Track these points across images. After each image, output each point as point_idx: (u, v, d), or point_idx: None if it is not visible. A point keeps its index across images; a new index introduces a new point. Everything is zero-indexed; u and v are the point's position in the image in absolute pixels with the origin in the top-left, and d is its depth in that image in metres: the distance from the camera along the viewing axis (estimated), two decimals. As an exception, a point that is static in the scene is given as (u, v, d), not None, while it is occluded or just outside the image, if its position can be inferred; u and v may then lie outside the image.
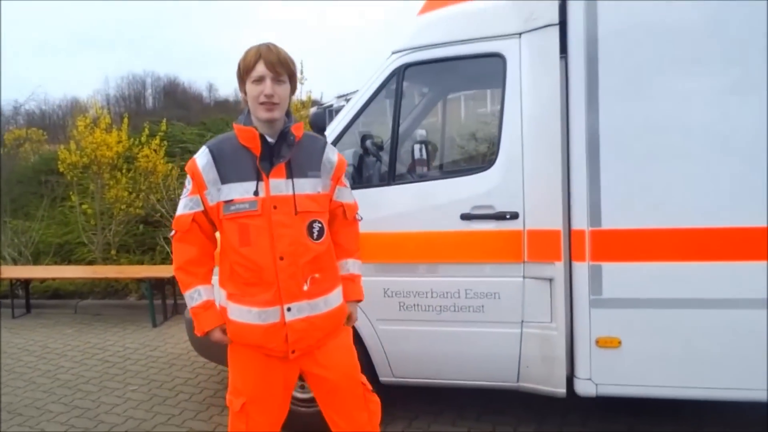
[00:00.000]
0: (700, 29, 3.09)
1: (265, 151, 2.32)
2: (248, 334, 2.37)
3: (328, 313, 2.44)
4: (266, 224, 2.30)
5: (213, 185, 2.34)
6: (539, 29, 3.33)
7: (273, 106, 2.28)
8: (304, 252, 2.35)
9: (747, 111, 3.05)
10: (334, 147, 2.57)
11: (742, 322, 3.11)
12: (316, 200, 2.40)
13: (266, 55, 2.27)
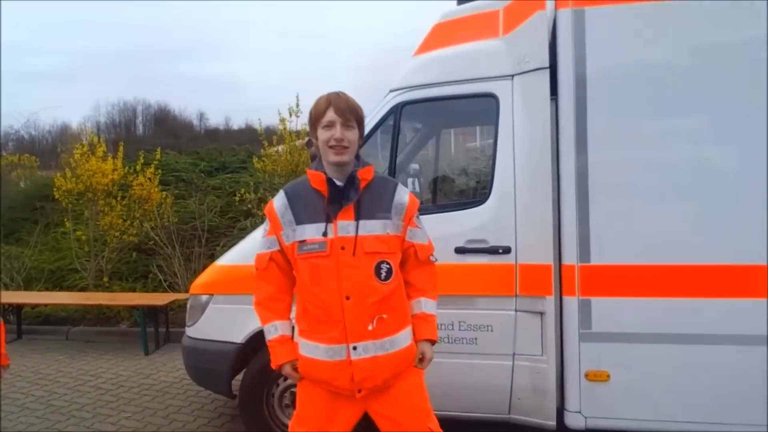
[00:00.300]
0: (688, 72, 3.24)
1: (333, 193, 2.40)
2: (316, 369, 2.42)
3: (395, 353, 2.43)
4: (334, 264, 2.36)
5: (288, 226, 2.45)
6: (531, 72, 3.48)
7: (342, 150, 2.38)
8: (370, 292, 2.38)
9: (733, 152, 3.21)
10: (406, 188, 2.58)
11: (729, 357, 3.21)
12: (384, 241, 2.42)
13: (336, 102, 2.40)
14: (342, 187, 2.41)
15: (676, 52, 3.25)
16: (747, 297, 3.13)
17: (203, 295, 4.11)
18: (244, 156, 12.86)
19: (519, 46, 3.55)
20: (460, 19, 4.05)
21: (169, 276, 8.28)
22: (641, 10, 3.24)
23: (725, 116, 3.21)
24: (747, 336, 3.15)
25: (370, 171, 2.48)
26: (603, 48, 3.30)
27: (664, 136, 3.28)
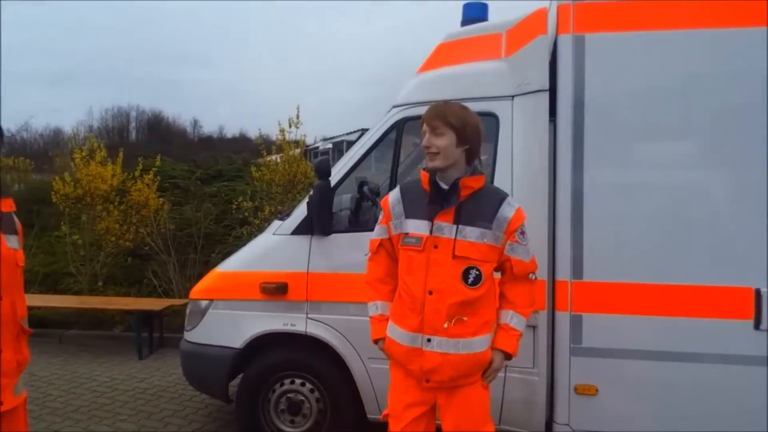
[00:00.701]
0: (682, 99, 3.37)
1: (436, 195, 2.57)
2: (394, 350, 2.65)
3: (465, 355, 2.52)
4: (425, 260, 2.54)
5: (397, 218, 2.68)
6: (531, 93, 3.62)
7: (433, 156, 2.54)
8: (453, 293, 2.50)
9: (724, 177, 3.34)
10: (513, 201, 2.65)
11: (714, 375, 3.31)
12: (479, 249, 2.52)
13: (427, 111, 2.59)
14: (446, 190, 2.56)
15: (672, 79, 3.37)
16: (732, 318, 3.24)
17: (203, 300, 4.18)
18: (240, 164, 12.94)
19: (520, 68, 3.68)
20: (464, 40, 4.19)
21: (164, 282, 8.32)
22: (640, 37, 3.38)
23: (717, 142, 3.34)
24: (732, 356, 3.26)
25: (478, 180, 2.59)
26: (602, 73, 3.42)
27: (657, 160, 3.41)
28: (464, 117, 2.56)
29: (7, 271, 2.37)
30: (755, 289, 3.21)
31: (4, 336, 2.38)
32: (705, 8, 3.27)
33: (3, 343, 2.37)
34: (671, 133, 3.39)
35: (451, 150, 2.53)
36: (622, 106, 3.42)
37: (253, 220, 8.49)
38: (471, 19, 4.38)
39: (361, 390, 3.88)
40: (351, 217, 4.10)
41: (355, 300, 3.83)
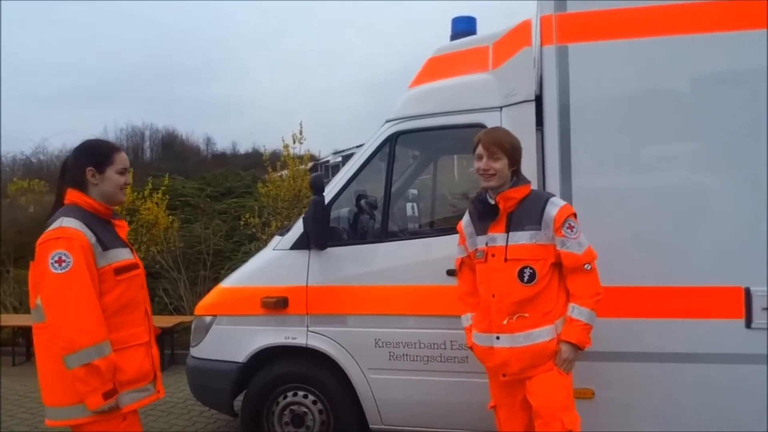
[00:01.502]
0: (665, 103, 3.42)
1: (485, 211, 2.95)
2: (476, 351, 3.04)
3: (528, 346, 2.83)
4: (487, 269, 2.91)
5: (470, 237, 3.07)
6: (518, 104, 3.70)
7: (489, 177, 2.87)
8: (509, 293, 2.84)
9: (711, 178, 3.38)
10: (557, 200, 2.93)
11: (709, 375, 3.35)
12: (529, 249, 2.84)
13: (484, 137, 2.91)
14: (492, 205, 2.90)
15: (653, 84, 3.43)
16: (724, 317, 3.28)
17: (207, 316, 4.27)
18: (249, 181, 13.12)
19: (507, 79, 3.76)
20: (453, 54, 4.28)
21: (174, 299, 8.46)
22: (620, 46, 3.43)
23: (703, 144, 3.39)
24: (726, 355, 3.30)
25: (520, 190, 2.91)
26: (585, 81, 3.48)
27: (644, 164, 3.46)
28: (513, 141, 2.93)
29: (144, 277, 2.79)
30: (745, 288, 3.24)
31: (151, 333, 2.77)
32: (682, 15, 3.33)
33: (152, 339, 2.74)
34: (656, 137, 3.43)
35: (505, 171, 2.87)
36: (606, 112, 3.47)
37: (261, 235, 8.62)
38: (460, 32, 4.47)
39: (363, 400, 3.95)
40: (349, 230, 4.19)
41: (353, 312, 3.92)
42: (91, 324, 2.39)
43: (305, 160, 9.66)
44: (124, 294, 2.58)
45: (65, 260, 2.38)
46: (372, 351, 3.87)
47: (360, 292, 3.89)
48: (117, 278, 2.55)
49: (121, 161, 2.66)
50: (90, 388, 2.37)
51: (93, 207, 2.60)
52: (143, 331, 2.68)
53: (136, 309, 2.67)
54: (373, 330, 3.87)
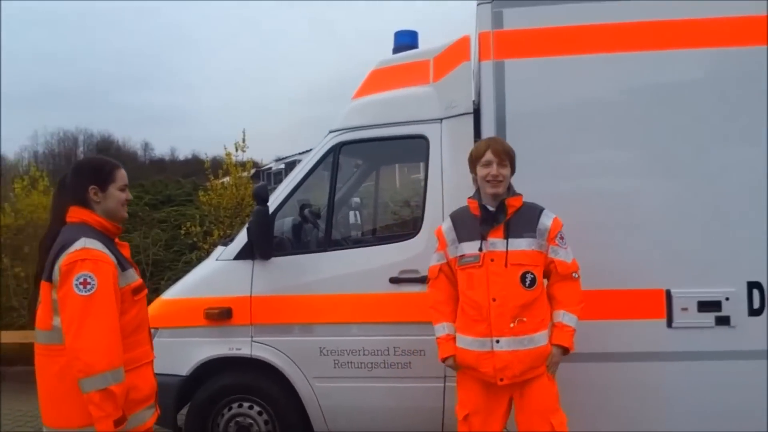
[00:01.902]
0: (593, 115, 3.60)
1: (486, 216, 3.02)
2: (466, 357, 3.01)
3: (531, 350, 2.93)
4: (484, 273, 2.97)
5: (452, 244, 3.12)
6: (457, 116, 3.84)
7: (498, 184, 3.00)
8: (513, 296, 2.93)
9: (637, 182, 3.58)
10: (549, 212, 3.08)
11: (634, 373, 3.55)
12: (528, 256, 2.97)
13: (493, 145, 3.05)
14: (494, 211, 3.00)
15: (582, 97, 3.61)
16: (647, 318, 3.49)
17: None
18: (189, 188, 12.90)
19: (447, 92, 3.90)
20: (395, 67, 4.39)
21: (112, 311, 8.22)
22: (553, 62, 3.61)
23: (628, 153, 3.60)
24: (649, 353, 3.51)
25: (519, 199, 3.06)
26: (520, 95, 3.63)
27: (573, 172, 3.63)
28: (513, 151, 3.10)
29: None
30: (666, 290, 3.47)
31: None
32: (609, 35, 3.54)
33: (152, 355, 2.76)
34: (584, 147, 3.61)
35: (509, 178, 3.06)
36: (539, 124, 3.63)
37: (202, 245, 8.50)
38: (402, 46, 4.60)
39: (308, 409, 3.98)
40: (293, 240, 4.22)
41: (298, 321, 3.96)
42: (111, 349, 2.38)
43: (248, 167, 9.59)
44: (139, 314, 2.62)
45: (90, 282, 2.37)
46: (317, 359, 3.91)
47: (304, 301, 3.92)
48: (135, 298, 2.58)
49: (122, 178, 2.66)
50: (103, 414, 2.33)
51: (103, 226, 2.59)
52: (148, 349, 2.72)
53: (144, 328, 2.70)
54: (317, 339, 3.91)
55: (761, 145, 3.44)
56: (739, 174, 3.46)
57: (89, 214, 2.57)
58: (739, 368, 3.47)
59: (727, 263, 3.47)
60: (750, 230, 3.44)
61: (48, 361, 2.48)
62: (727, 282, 3.45)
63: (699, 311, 3.46)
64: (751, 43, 3.45)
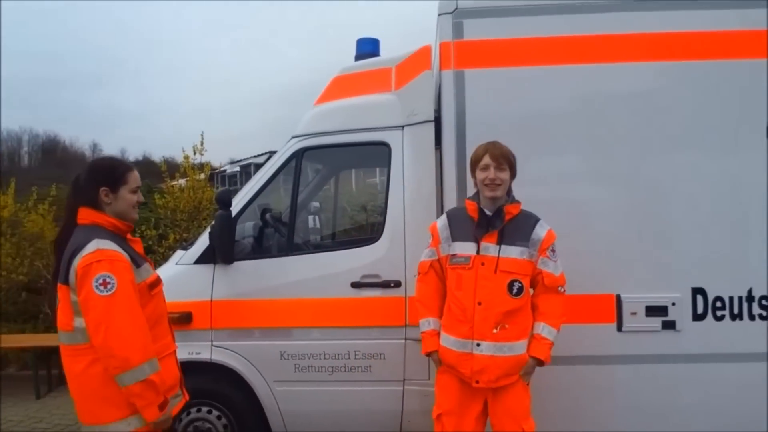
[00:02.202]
0: (551, 123, 3.71)
1: (482, 220, 3.03)
2: (446, 356, 3.06)
3: (510, 357, 2.97)
4: (473, 276, 2.99)
5: (445, 241, 3.14)
6: (418, 124, 3.92)
7: (496, 187, 3.02)
8: (499, 303, 2.96)
9: (592, 189, 3.71)
10: (545, 224, 3.10)
11: (585, 376, 3.68)
12: (519, 264, 2.99)
13: (492, 149, 3.06)
14: (490, 216, 3.03)
15: (540, 107, 3.73)
16: (599, 322, 3.64)
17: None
18: (143, 191, 12.62)
19: (408, 100, 3.97)
20: (357, 74, 4.45)
21: (62, 316, 8.01)
22: (511, 72, 3.73)
23: (583, 160, 3.73)
24: (600, 356, 3.65)
25: (517, 207, 3.09)
26: (479, 104, 3.72)
27: (530, 179, 3.72)
28: (513, 155, 3.12)
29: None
30: (616, 295, 3.61)
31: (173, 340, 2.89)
32: (566, 47, 3.67)
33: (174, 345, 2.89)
34: (542, 155, 3.72)
35: (508, 182, 3.09)
36: (496, 133, 3.67)
37: (157, 248, 8.35)
38: (364, 53, 4.66)
39: (268, 413, 3.99)
40: (254, 244, 4.22)
41: (259, 326, 3.96)
42: (143, 341, 2.52)
43: (206, 170, 9.48)
44: (158, 307, 2.74)
45: (110, 282, 2.46)
46: (277, 363, 3.92)
47: (266, 305, 3.93)
48: (151, 293, 2.69)
49: (134, 180, 2.71)
50: (147, 402, 2.50)
51: (114, 225, 2.66)
52: (171, 340, 2.85)
53: (164, 321, 2.81)
54: (278, 343, 3.93)
55: (706, 154, 3.62)
56: (685, 182, 3.63)
57: (100, 216, 2.63)
58: (684, 371, 3.64)
59: (673, 270, 3.64)
60: (694, 237, 3.62)
61: (72, 361, 2.60)
62: (674, 288, 3.62)
63: (647, 316, 3.61)
64: (691, 57, 3.62)
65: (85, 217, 2.62)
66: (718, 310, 3.60)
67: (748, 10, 3.61)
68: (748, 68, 3.60)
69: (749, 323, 3.59)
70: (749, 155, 3.60)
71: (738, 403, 3.63)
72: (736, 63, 3.61)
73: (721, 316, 3.60)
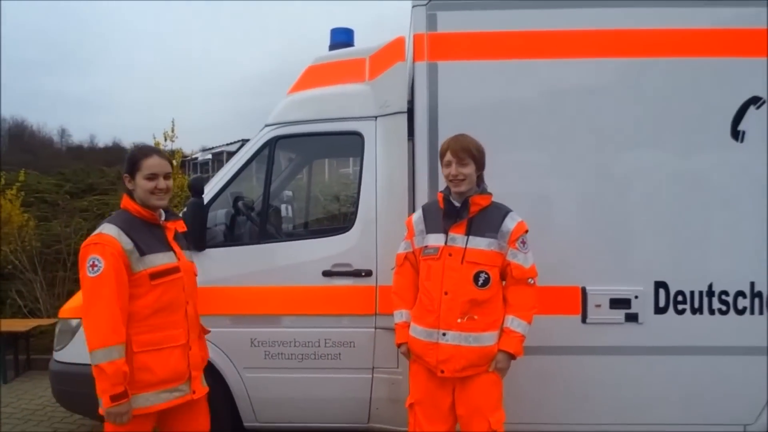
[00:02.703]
0: (521, 115, 3.75)
1: (450, 211, 3.06)
2: (414, 345, 3.10)
3: (475, 347, 2.98)
4: (441, 266, 3.03)
5: (420, 234, 3.19)
6: (391, 115, 3.94)
7: (459, 183, 3.05)
8: (464, 293, 2.98)
9: (562, 183, 3.76)
10: (515, 215, 3.10)
11: (551, 366, 3.75)
12: (486, 255, 3.01)
13: (453, 145, 3.08)
14: (458, 207, 3.05)
15: (511, 100, 3.78)
16: (564, 314, 3.71)
17: (74, 318, 4.11)
18: (113, 177, 12.45)
19: (382, 91, 4.00)
20: (331, 64, 4.45)
21: (29, 301, 7.90)
22: (483, 65, 3.76)
23: (552, 154, 3.77)
24: (565, 347, 3.74)
25: (487, 198, 3.12)
26: (452, 96, 3.75)
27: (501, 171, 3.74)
28: (479, 147, 3.12)
29: (189, 280, 2.91)
30: (582, 288, 3.70)
31: (192, 334, 2.87)
32: (538, 42, 3.72)
33: (191, 340, 2.86)
34: (509, 148, 3.74)
35: (473, 176, 3.08)
36: (467, 125, 3.71)
37: (127, 234, 8.26)
38: (338, 43, 4.66)
39: (238, 400, 4.00)
40: (226, 232, 4.22)
41: (230, 312, 3.97)
42: (105, 328, 2.57)
43: (177, 157, 9.37)
44: (162, 297, 2.75)
45: (97, 265, 2.60)
46: (248, 351, 3.93)
47: (237, 293, 3.94)
48: (152, 283, 2.71)
49: (148, 167, 2.76)
50: (99, 390, 2.58)
51: (139, 212, 2.78)
52: (181, 333, 2.82)
53: (175, 312, 2.81)
54: (249, 330, 3.94)
55: (670, 151, 3.71)
56: (650, 178, 3.71)
57: (129, 202, 2.80)
58: (646, 363, 3.74)
59: (636, 263, 3.72)
60: (657, 232, 3.71)
61: None
62: (637, 281, 3.70)
63: (611, 308, 3.69)
64: (657, 54, 3.69)
65: (122, 202, 2.82)
66: (680, 304, 3.69)
67: (716, 9, 3.69)
68: (714, 66, 3.68)
69: (709, 317, 3.69)
70: (713, 153, 3.70)
71: (698, 396, 3.74)
72: (702, 61, 3.68)
73: (682, 309, 3.69)
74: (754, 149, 3.64)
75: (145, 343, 2.69)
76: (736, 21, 3.68)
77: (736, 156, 3.66)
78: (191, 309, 2.89)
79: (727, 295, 3.68)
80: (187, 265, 2.93)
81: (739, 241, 3.68)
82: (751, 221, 3.66)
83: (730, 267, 3.69)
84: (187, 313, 2.86)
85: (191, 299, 2.90)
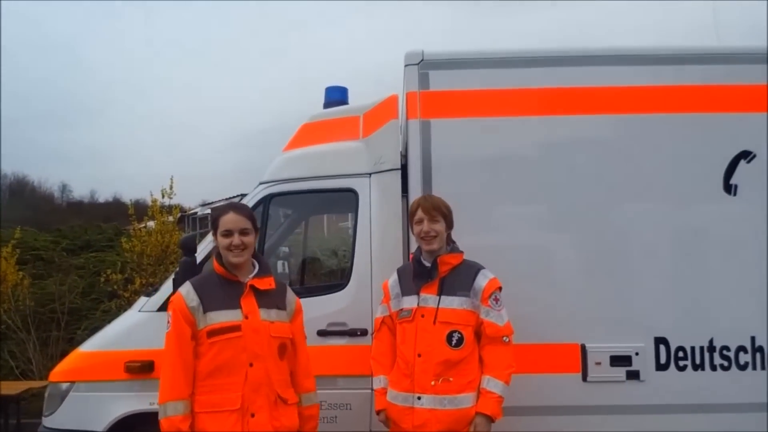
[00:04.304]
0: (514, 170, 3.78)
1: (421, 272, 3.08)
2: (391, 411, 3.04)
3: (452, 411, 2.91)
4: (413, 328, 3.01)
5: (396, 298, 3.19)
6: (385, 171, 3.96)
7: (431, 240, 3.07)
8: (438, 354, 2.93)
9: (557, 237, 3.76)
10: (488, 272, 3.12)
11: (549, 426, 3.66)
12: (459, 315, 2.99)
13: (423, 203, 3.14)
14: (428, 267, 3.06)
15: (504, 156, 3.82)
16: (563, 372, 3.63)
17: (64, 382, 4.02)
18: (111, 234, 12.49)
19: (376, 148, 4.02)
20: (326, 122, 4.49)
21: (22, 362, 7.78)
22: (476, 122, 3.82)
23: (548, 208, 3.80)
24: (565, 407, 3.64)
25: (456, 257, 3.12)
26: (445, 152, 3.80)
27: (494, 227, 3.79)
28: (447, 206, 3.17)
29: (256, 340, 2.74)
30: (581, 345, 3.63)
31: (260, 400, 2.71)
32: (528, 99, 3.79)
33: (258, 406, 2.70)
34: (506, 202, 3.79)
35: (443, 234, 3.10)
36: (463, 181, 3.78)
37: (122, 293, 8.21)
38: (332, 101, 4.71)
39: (231, 465, 3.87)
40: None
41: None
42: (165, 385, 2.69)
43: (174, 213, 9.40)
44: (218, 356, 2.71)
45: (170, 321, 2.76)
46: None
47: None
48: (209, 341, 2.71)
49: (224, 223, 2.81)
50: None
51: (219, 270, 2.84)
52: (236, 397, 2.69)
53: (233, 373, 2.72)
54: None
55: (667, 205, 3.72)
56: (648, 232, 3.70)
57: (214, 261, 2.89)
58: (648, 422, 3.63)
59: (636, 319, 3.67)
60: (657, 287, 3.67)
61: None
62: (637, 337, 3.64)
63: (611, 365, 3.62)
64: (651, 110, 3.75)
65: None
66: (681, 360, 3.63)
67: (708, 66, 3.77)
68: (706, 122, 3.73)
69: (711, 373, 3.62)
70: (708, 207, 3.71)
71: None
72: (695, 116, 3.75)
73: (684, 366, 3.63)
74: (748, 202, 3.65)
75: (204, 404, 2.69)
76: (725, 78, 3.75)
77: (731, 210, 3.67)
78: (257, 372, 2.71)
79: (728, 350, 3.63)
80: (259, 324, 2.77)
81: (739, 295, 3.65)
82: (750, 275, 3.63)
83: (730, 321, 3.65)
84: (248, 376, 2.70)
85: (258, 361, 2.73)
